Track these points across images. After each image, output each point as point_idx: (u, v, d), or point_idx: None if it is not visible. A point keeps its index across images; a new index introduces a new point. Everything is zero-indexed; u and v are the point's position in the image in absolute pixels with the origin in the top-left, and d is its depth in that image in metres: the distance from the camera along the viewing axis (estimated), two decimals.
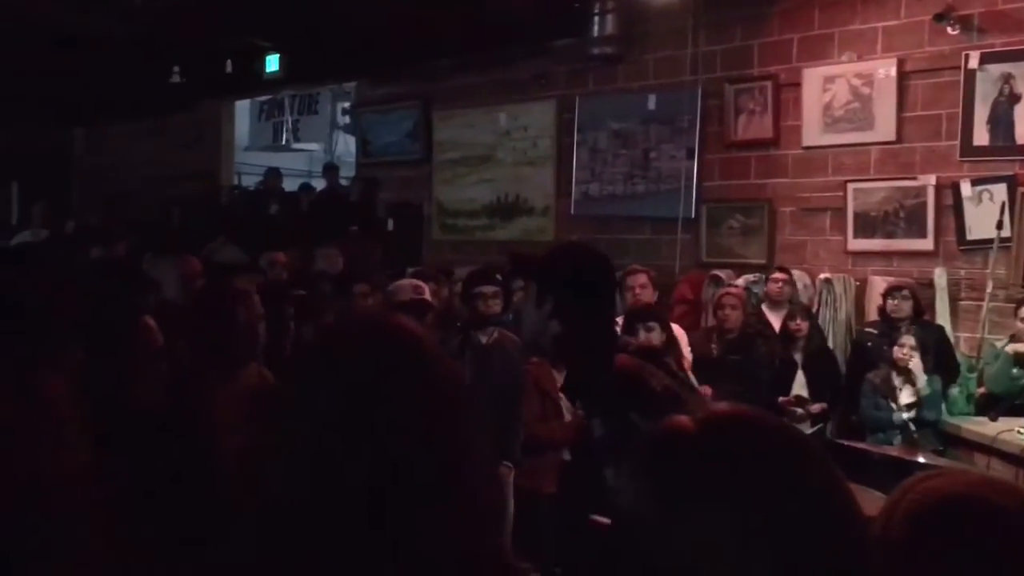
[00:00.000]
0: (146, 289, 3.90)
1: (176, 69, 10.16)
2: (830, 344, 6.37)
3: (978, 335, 5.98)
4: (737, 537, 0.83)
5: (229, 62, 9.96)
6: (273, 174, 11.28)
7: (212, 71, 10.07)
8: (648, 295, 5.46)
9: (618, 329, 3.00)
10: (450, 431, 1.07)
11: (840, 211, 6.87)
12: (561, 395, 4.38)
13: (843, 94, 6.86)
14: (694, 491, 0.86)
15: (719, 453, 0.88)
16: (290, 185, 11.41)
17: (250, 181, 12.74)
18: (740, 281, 6.78)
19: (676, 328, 5.51)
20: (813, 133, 7.02)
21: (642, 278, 5.48)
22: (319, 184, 11.35)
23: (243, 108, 13.01)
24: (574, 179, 8.43)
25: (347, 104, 12.28)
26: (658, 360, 2.42)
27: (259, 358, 3.01)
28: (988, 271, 5.97)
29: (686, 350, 5.21)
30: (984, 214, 6.15)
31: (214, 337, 2.85)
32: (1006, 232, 5.97)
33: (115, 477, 1.87)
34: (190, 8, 8.47)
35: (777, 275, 6.41)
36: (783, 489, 0.86)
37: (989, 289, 5.90)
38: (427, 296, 4.75)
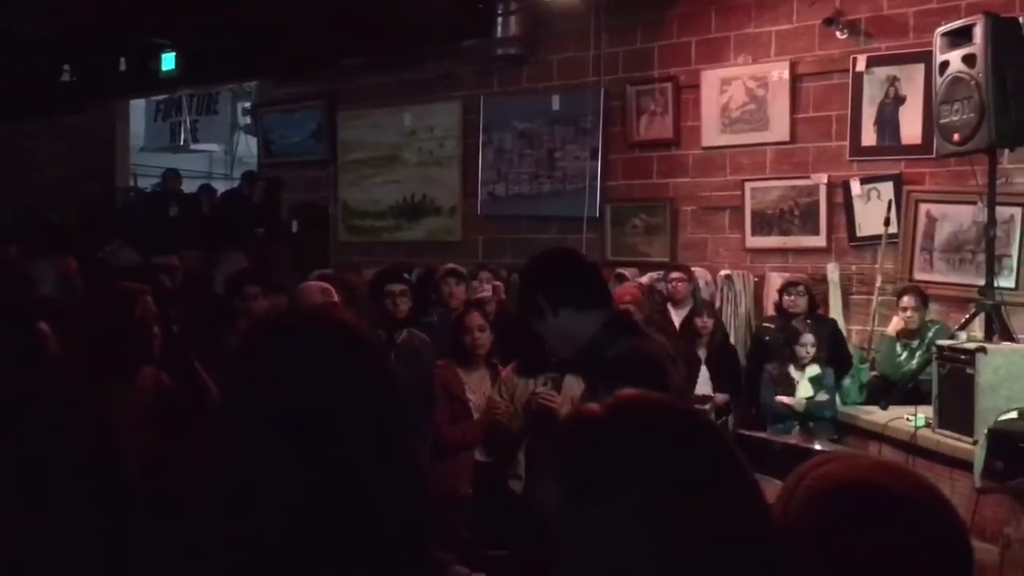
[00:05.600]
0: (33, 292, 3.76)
1: (67, 67, 9.78)
2: (731, 339, 6.54)
3: (868, 327, 6.24)
4: (649, 520, 0.86)
5: (123, 60, 9.64)
6: (171, 175, 10.98)
7: (105, 69, 9.74)
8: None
9: None
10: (398, 419, 1.11)
11: (738, 209, 7.08)
12: (470, 396, 4.38)
13: (739, 96, 7.06)
14: (603, 475, 0.89)
15: (626, 437, 0.91)
16: (190, 187, 11.12)
17: (147, 183, 12.38)
18: (644, 279, 6.89)
19: None
20: (712, 133, 7.21)
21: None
22: (220, 186, 11.09)
23: (138, 107, 12.62)
24: (480, 179, 8.46)
25: (248, 104, 12.03)
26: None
27: (153, 360, 2.95)
28: (877, 266, 6.24)
29: None
30: (873, 212, 6.43)
31: (109, 339, 2.77)
32: (893, 228, 6.24)
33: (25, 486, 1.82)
34: (83, 3, 8.17)
35: (674, 275, 6.46)
36: (690, 471, 0.90)
37: (878, 283, 6.16)
38: (335, 299, 4.70)
